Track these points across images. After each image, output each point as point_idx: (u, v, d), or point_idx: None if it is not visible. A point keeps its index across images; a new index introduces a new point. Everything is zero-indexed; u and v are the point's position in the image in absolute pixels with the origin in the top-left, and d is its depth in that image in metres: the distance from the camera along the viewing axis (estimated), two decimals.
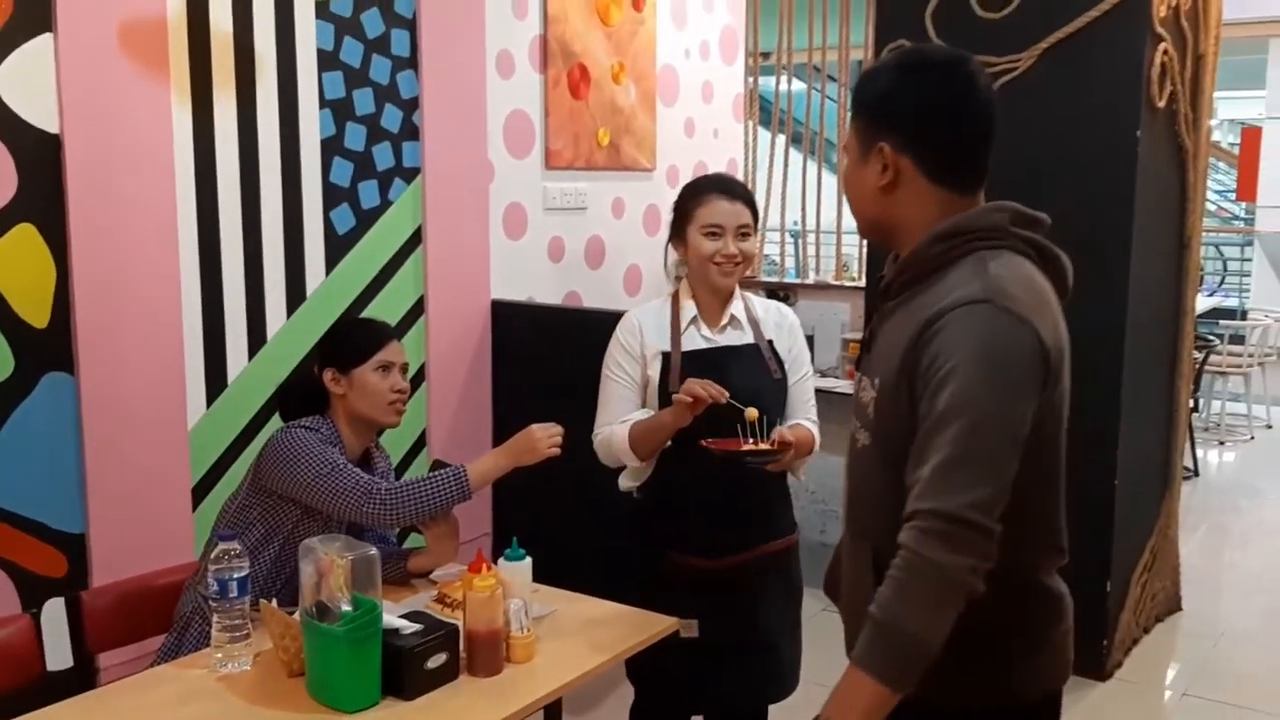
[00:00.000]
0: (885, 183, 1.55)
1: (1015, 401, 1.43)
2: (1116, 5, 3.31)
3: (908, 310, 1.54)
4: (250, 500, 2.25)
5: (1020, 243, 1.53)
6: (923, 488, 1.42)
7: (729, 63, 5.21)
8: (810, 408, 2.54)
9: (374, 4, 3.50)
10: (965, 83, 1.53)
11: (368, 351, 2.33)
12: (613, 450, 2.42)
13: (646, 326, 2.50)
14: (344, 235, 3.50)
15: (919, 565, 1.39)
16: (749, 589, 2.45)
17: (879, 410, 1.55)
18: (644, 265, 4.78)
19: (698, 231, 2.40)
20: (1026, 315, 1.44)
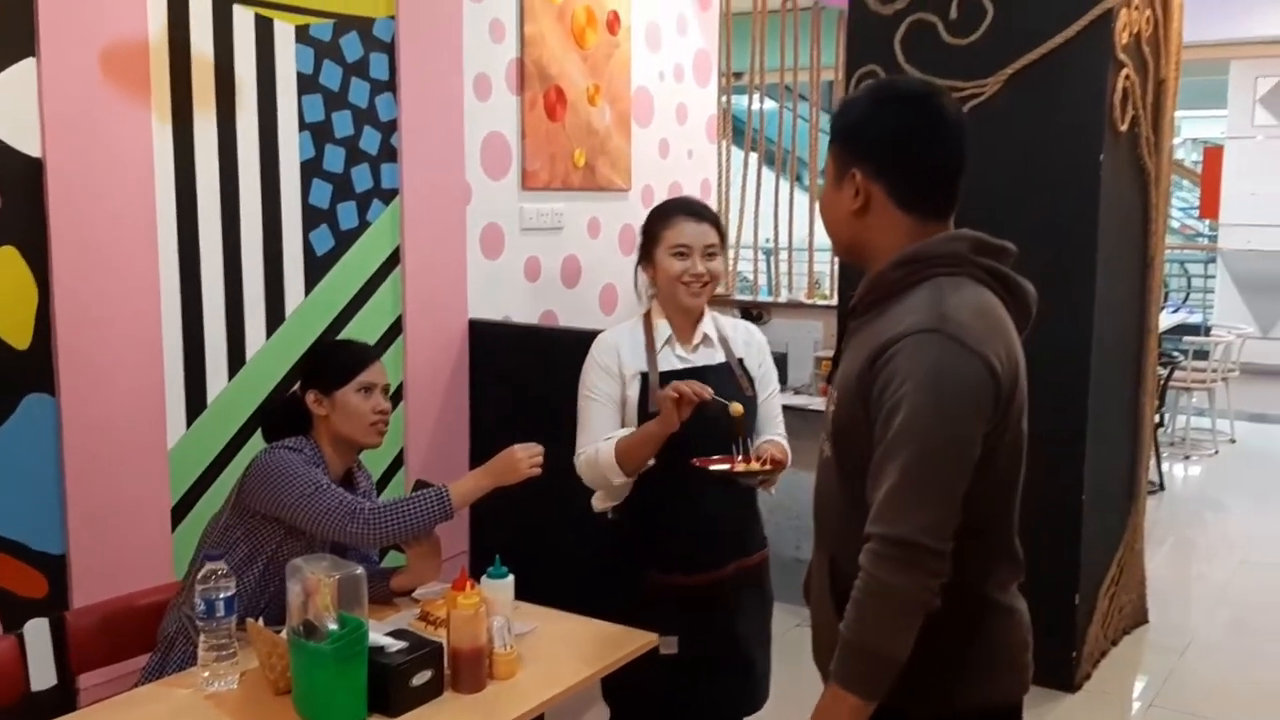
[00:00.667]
0: (857, 207, 1.62)
1: (963, 427, 1.49)
2: (1080, 32, 3.39)
3: (869, 331, 1.60)
4: (234, 521, 2.28)
5: (980, 270, 1.59)
6: (876, 512, 1.50)
7: (702, 85, 5.28)
8: (779, 423, 2.59)
9: (353, 28, 3.55)
10: (935, 115, 1.60)
11: (350, 373, 2.36)
12: (599, 468, 2.40)
13: (623, 346, 2.52)
14: (323, 256, 3.53)
15: (876, 588, 1.48)
16: (726, 604, 2.49)
17: (836, 425, 1.63)
18: (620, 284, 4.83)
19: (665, 253, 2.44)
20: (975, 344, 1.49)
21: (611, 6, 4.61)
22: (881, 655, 1.48)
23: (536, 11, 4.25)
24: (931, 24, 3.61)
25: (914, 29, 3.64)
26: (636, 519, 2.49)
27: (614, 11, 4.62)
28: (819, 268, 5.48)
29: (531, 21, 4.24)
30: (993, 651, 1.62)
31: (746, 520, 2.56)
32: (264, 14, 3.28)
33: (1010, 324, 1.60)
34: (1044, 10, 3.44)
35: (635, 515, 2.49)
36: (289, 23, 3.36)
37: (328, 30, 3.48)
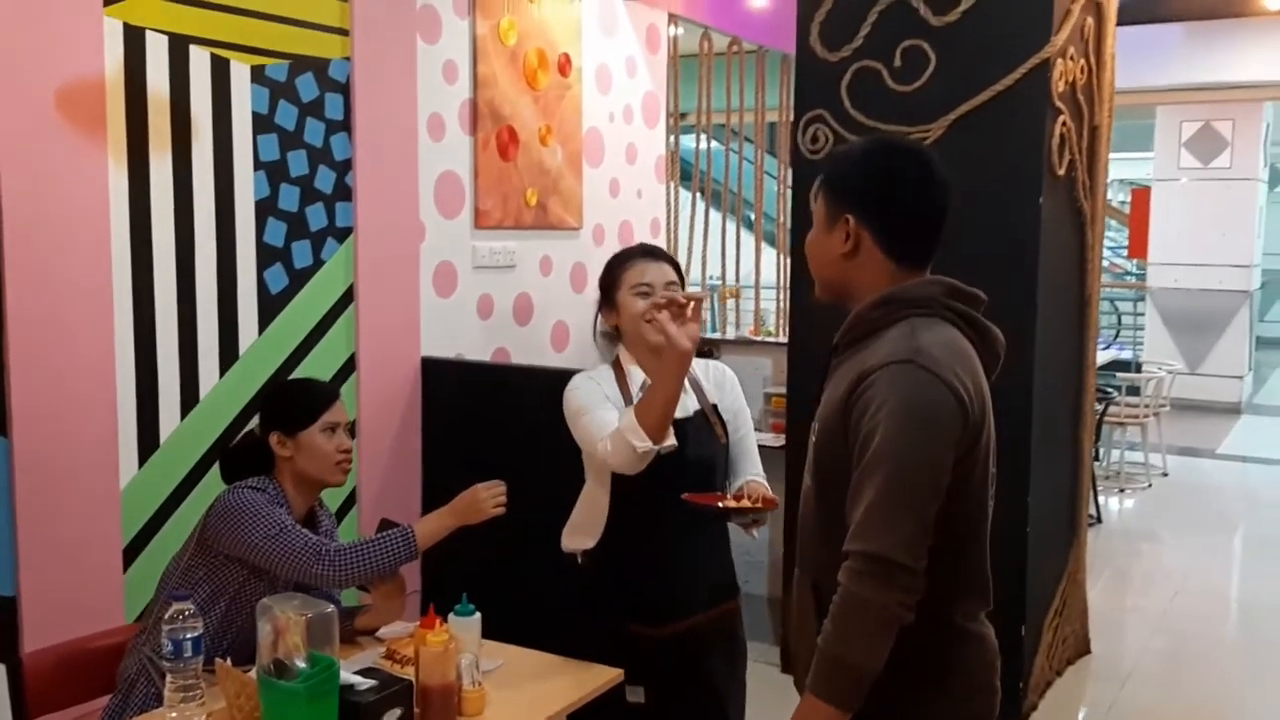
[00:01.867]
0: (846, 250, 1.74)
1: (934, 451, 1.59)
2: (1018, 80, 3.52)
3: (848, 366, 1.71)
4: (196, 561, 2.27)
5: (950, 313, 1.71)
6: (853, 530, 1.59)
7: (651, 126, 5.36)
8: (756, 461, 2.54)
9: (309, 69, 3.57)
10: (925, 172, 1.74)
11: (313, 414, 2.36)
12: (621, 434, 2.23)
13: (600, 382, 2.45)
14: (277, 294, 3.53)
15: (853, 602, 1.57)
16: (696, 655, 2.44)
17: (817, 453, 1.73)
18: (571, 322, 4.87)
19: (628, 293, 2.42)
20: (945, 375, 1.61)
21: (563, 49, 4.67)
22: (857, 667, 1.55)
23: (489, 53, 4.31)
24: (876, 70, 3.72)
25: (859, 75, 3.75)
26: (606, 565, 2.44)
27: (565, 54, 4.69)
28: (764, 305, 5.57)
29: (484, 63, 4.29)
30: (963, 676, 1.70)
31: (719, 567, 2.52)
32: (220, 54, 3.30)
33: (978, 363, 1.70)
34: (984, 59, 3.56)
35: (604, 561, 2.45)
36: (245, 63, 3.37)
37: (283, 71, 3.50)
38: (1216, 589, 5.70)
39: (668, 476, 2.29)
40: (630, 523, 2.40)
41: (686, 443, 2.33)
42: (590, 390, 2.41)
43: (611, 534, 2.42)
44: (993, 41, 3.55)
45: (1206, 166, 10.35)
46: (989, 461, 1.69)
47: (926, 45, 3.64)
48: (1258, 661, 4.62)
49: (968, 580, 1.71)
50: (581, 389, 2.43)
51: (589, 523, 2.45)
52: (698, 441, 2.39)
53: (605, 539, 2.43)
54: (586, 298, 4.98)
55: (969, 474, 1.64)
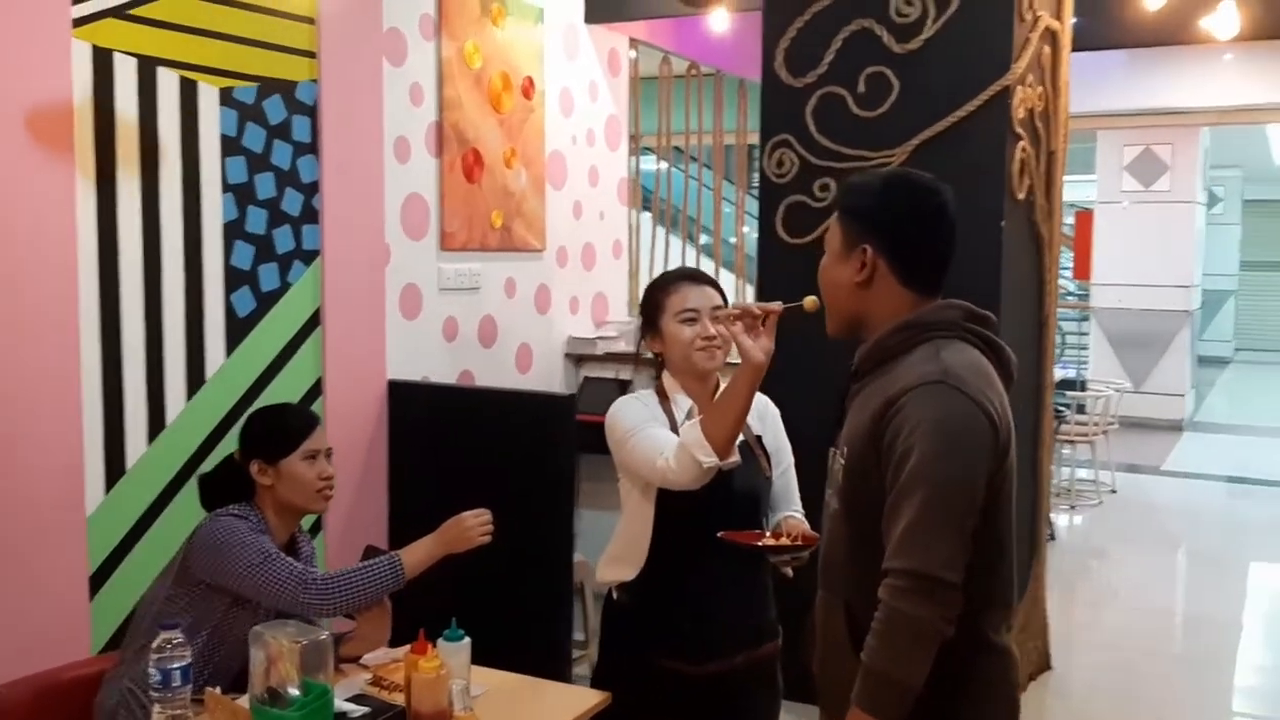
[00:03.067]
0: (862, 279, 1.80)
1: (970, 468, 1.64)
2: (980, 107, 3.60)
3: (872, 389, 1.76)
4: (178, 590, 2.24)
5: (969, 335, 1.77)
6: (894, 548, 1.63)
7: (613, 148, 5.40)
8: (796, 498, 2.49)
9: (276, 91, 3.56)
10: (940, 208, 1.81)
11: (294, 442, 2.35)
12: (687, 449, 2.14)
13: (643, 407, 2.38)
14: (244, 317, 3.50)
15: (897, 619, 1.61)
16: (733, 698, 2.36)
17: (847, 477, 1.77)
18: (535, 344, 4.88)
19: (673, 320, 2.35)
20: (975, 394, 1.67)
21: (526, 72, 4.69)
22: (902, 682, 1.60)
23: (454, 76, 4.32)
24: (841, 96, 3.78)
25: (824, 101, 3.81)
26: (647, 598, 2.36)
27: (529, 77, 4.71)
28: None
29: (450, 85, 4.30)
30: (988, 688, 1.75)
31: (763, 605, 2.43)
32: (189, 76, 3.28)
33: (999, 381, 1.75)
34: (946, 86, 3.64)
35: (645, 594, 2.37)
36: (213, 85, 3.35)
37: (251, 93, 3.48)
38: (1164, 604, 5.83)
39: (715, 507, 2.25)
40: (675, 554, 2.32)
41: (734, 474, 2.28)
42: (639, 410, 2.35)
43: (654, 566, 2.34)
44: (954, 69, 3.63)
45: (1147, 189, 10.61)
46: (1014, 476, 1.74)
47: (890, 72, 3.71)
48: (1204, 674, 4.73)
49: (997, 594, 1.76)
50: (629, 409, 2.36)
51: (631, 553, 2.37)
52: (745, 473, 2.34)
53: (647, 571, 2.35)
54: (550, 319, 4.99)
55: (999, 491, 1.69)
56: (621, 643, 2.42)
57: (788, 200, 3.90)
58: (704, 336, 2.34)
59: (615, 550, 2.44)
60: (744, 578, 2.36)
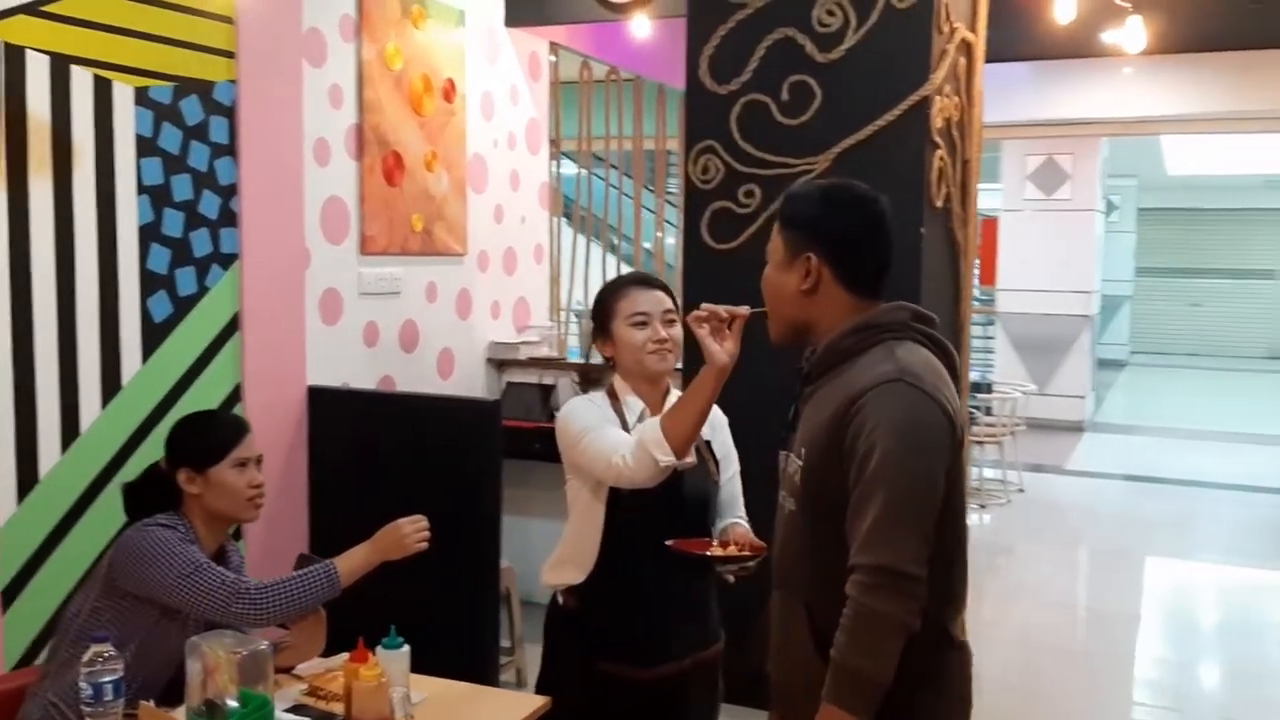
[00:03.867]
0: (807, 287, 1.83)
1: (931, 464, 1.69)
2: (900, 116, 3.67)
3: (827, 391, 1.79)
4: (104, 603, 2.17)
5: (919, 334, 1.83)
6: (860, 545, 1.66)
7: (534, 152, 5.38)
8: (741, 505, 2.52)
9: (193, 91, 3.48)
10: (879, 215, 1.87)
11: (224, 450, 2.29)
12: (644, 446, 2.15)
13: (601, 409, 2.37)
14: (161, 323, 3.42)
15: (864, 614, 1.64)
16: (682, 701, 2.38)
17: (806, 479, 1.79)
18: (456, 349, 4.84)
19: (624, 324, 2.36)
20: (932, 391, 1.71)
21: (447, 75, 4.66)
22: (874, 677, 1.64)
23: (375, 78, 4.27)
24: (765, 104, 3.82)
25: (749, 108, 3.85)
26: (593, 602, 2.36)
27: (450, 80, 4.67)
28: None
29: (370, 87, 4.25)
30: (947, 684, 1.79)
31: (709, 608, 2.46)
32: (103, 75, 3.19)
33: (949, 378, 1.80)
34: (867, 96, 3.70)
35: (592, 598, 2.36)
36: (128, 84, 3.27)
37: (168, 93, 3.40)
38: (1068, 599, 6.01)
39: (666, 510, 2.26)
40: (626, 558, 2.32)
41: (685, 477, 2.29)
42: (592, 411, 2.35)
43: (604, 569, 2.33)
44: (875, 79, 3.69)
45: (1049, 197, 10.92)
46: (967, 471, 1.77)
47: (812, 81, 3.76)
48: (1106, 668, 4.89)
49: (956, 589, 1.80)
50: (582, 410, 2.36)
51: (580, 556, 2.36)
52: (695, 476, 2.35)
53: (596, 574, 2.34)
54: (472, 324, 4.96)
55: (954, 485, 1.74)
56: (567, 648, 2.41)
57: (713, 206, 3.93)
58: (655, 340, 2.35)
59: (563, 553, 2.43)
60: (693, 580, 2.38)
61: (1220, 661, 5.05)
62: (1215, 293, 18.70)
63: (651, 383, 2.40)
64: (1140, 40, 5.09)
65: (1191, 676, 4.85)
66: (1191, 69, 7.86)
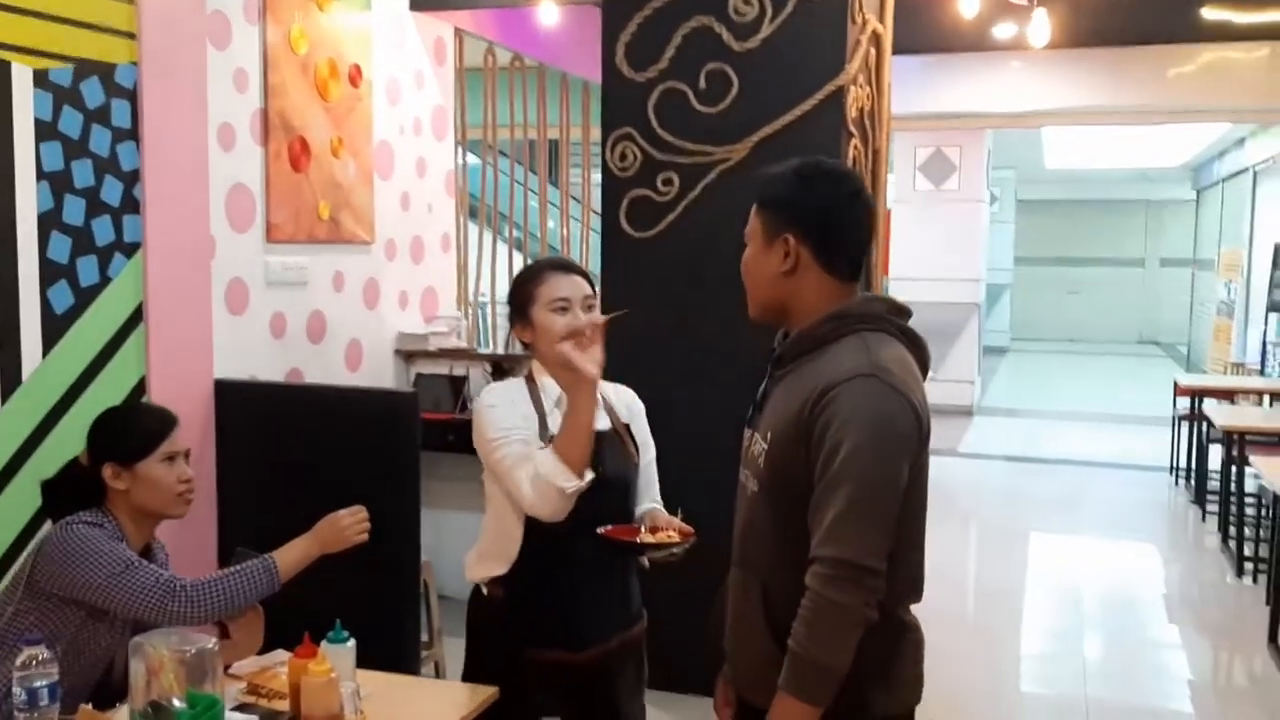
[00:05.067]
0: (787, 269, 1.82)
1: (896, 461, 1.70)
2: (816, 105, 3.72)
3: (798, 377, 1.78)
4: (27, 605, 2.07)
5: (893, 327, 1.83)
6: (822, 537, 1.67)
7: (440, 139, 5.30)
8: (656, 489, 2.53)
9: (94, 73, 3.34)
10: (855, 194, 1.85)
11: (153, 443, 2.21)
12: (546, 479, 2.17)
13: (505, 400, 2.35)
14: (62, 315, 3.27)
15: (824, 606, 1.66)
16: (610, 680, 2.40)
17: (770, 463, 1.79)
18: (364, 340, 4.75)
19: (544, 309, 2.33)
20: (902, 388, 1.72)
21: (353, 59, 4.56)
22: (830, 667, 1.66)
23: (280, 62, 4.15)
24: (682, 92, 3.84)
25: (666, 96, 3.86)
26: (519, 591, 2.34)
27: (355, 65, 4.57)
28: None
29: (275, 71, 4.13)
30: (902, 665, 1.81)
31: (631, 588, 2.47)
32: (1, 56, 3.03)
33: (919, 373, 1.82)
34: (784, 85, 3.75)
35: (518, 587, 2.34)
36: (27, 65, 3.11)
37: (67, 75, 3.25)
38: (961, 576, 6.19)
39: (587, 495, 2.25)
40: (549, 545, 2.30)
41: (604, 460, 2.29)
42: (505, 415, 2.30)
43: (527, 558, 2.32)
44: (791, 68, 3.74)
45: (938, 189, 11.20)
46: (928, 464, 1.80)
47: (729, 69, 3.79)
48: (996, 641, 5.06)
49: (911, 576, 1.82)
50: (494, 415, 2.31)
51: (502, 549, 2.34)
52: (614, 459, 2.35)
53: (520, 564, 2.33)
54: (380, 314, 4.87)
55: (916, 479, 1.75)
56: (494, 638, 2.38)
57: (631, 194, 3.93)
58: (574, 326, 2.33)
59: (484, 547, 2.41)
60: (617, 562, 2.39)
61: (1104, 630, 5.26)
62: (1090, 281, 19.47)
63: (570, 370, 2.33)
64: (1045, 34, 5.24)
65: (1077, 644, 5.03)
66: (1076, 63, 8.15)
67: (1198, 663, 4.89)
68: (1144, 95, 8.34)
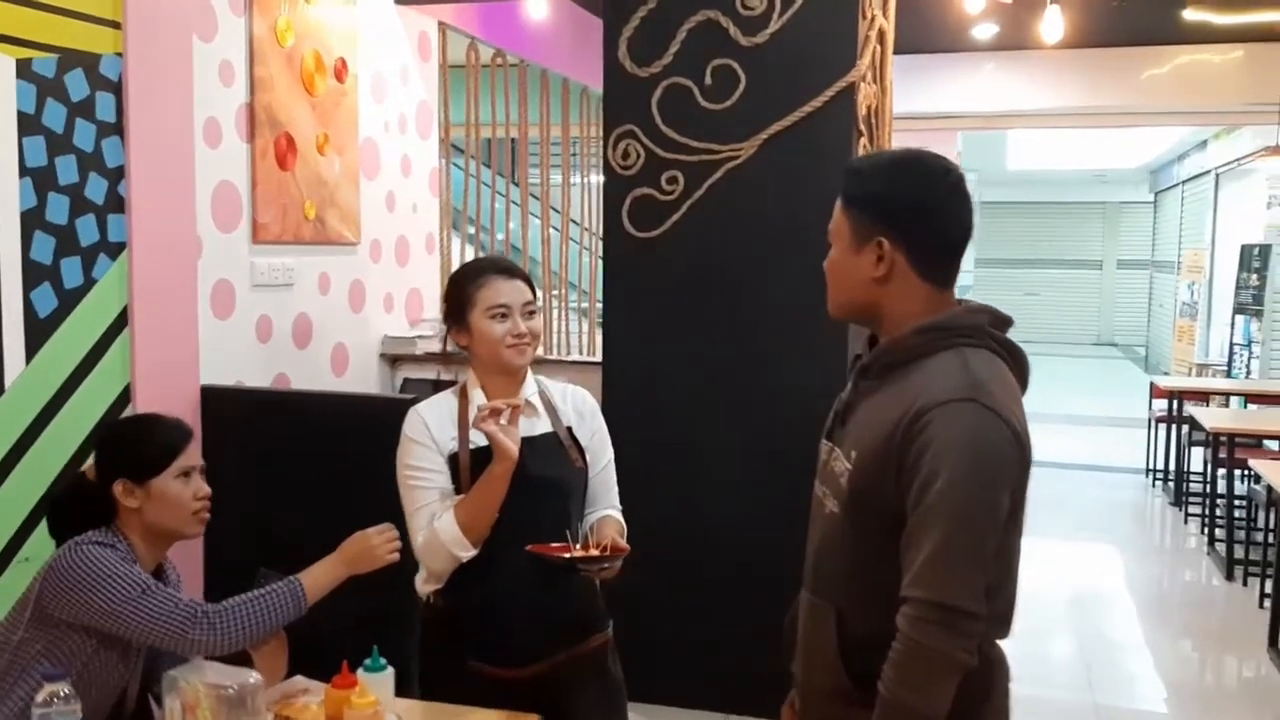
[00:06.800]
0: (880, 274, 1.66)
1: (997, 493, 1.55)
2: (827, 103, 3.63)
3: (889, 393, 1.64)
4: (33, 634, 1.92)
5: (994, 343, 1.67)
6: (916, 575, 1.53)
7: (424, 137, 5.16)
8: (614, 495, 2.44)
9: (78, 64, 3.17)
10: (958, 190, 1.68)
11: (167, 457, 2.06)
12: (443, 546, 2.15)
13: (430, 420, 2.28)
14: (46, 318, 3.10)
15: (917, 650, 1.51)
16: (558, 697, 2.27)
17: (853, 484, 1.64)
18: (350, 344, 4.60)
19: (483, 315, 2.24)
20: (1005, 413, 1.57)
21: (339, 53, 4.40)
22: (924, 715, 1.52)
23: (266, 54, 3.99)
24: (688, 88, 3.73)
25: (670, 92, 3.75)
26: (455, 604, 2.26)
27: (341, 58, 4.42)
28: None
29: (261, 65, 3.97)
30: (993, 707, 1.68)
31: (582, 603, 2.35)
32: None
33: (1019, 391, 1.67)
34: (793, 81, 3.65)
35: (453, 600, 2.26)
36: (9, 55, 2.94)
37: (51, 66, 3.08)
38: None
39: (519, 507, 2.16)
40: (480, 560, 2.21)
41: (530, 465, 2.19)
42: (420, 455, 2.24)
43: (460, 572, 2.23)
44: (801, 64, 3.64)
45: None
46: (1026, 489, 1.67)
47: (736, 65, 3.69)
48: None
49: (1002, 611, 1.67)
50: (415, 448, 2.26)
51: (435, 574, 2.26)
52: (545, 462, 2.26)
53: (454, 577, 2.24)
54: (366, 317, 4.71)
55: (1015, 508, 1.61)
56: (441, 648, 2.30)
57: (634, 193, 3.81)
58: (514, 334, 2.25)
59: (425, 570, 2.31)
60: (558, 577, 2.26)
61: (1103, 636, 5.22)
62: (1049, 283, 19.63)
63: (508, 375, 2.30)
64: (1058, 31, 5.19)
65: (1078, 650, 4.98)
66: (1051, 65, 8.15)
67: (1198, 668, 4.87)
68: (1119, 97, 8.36)
